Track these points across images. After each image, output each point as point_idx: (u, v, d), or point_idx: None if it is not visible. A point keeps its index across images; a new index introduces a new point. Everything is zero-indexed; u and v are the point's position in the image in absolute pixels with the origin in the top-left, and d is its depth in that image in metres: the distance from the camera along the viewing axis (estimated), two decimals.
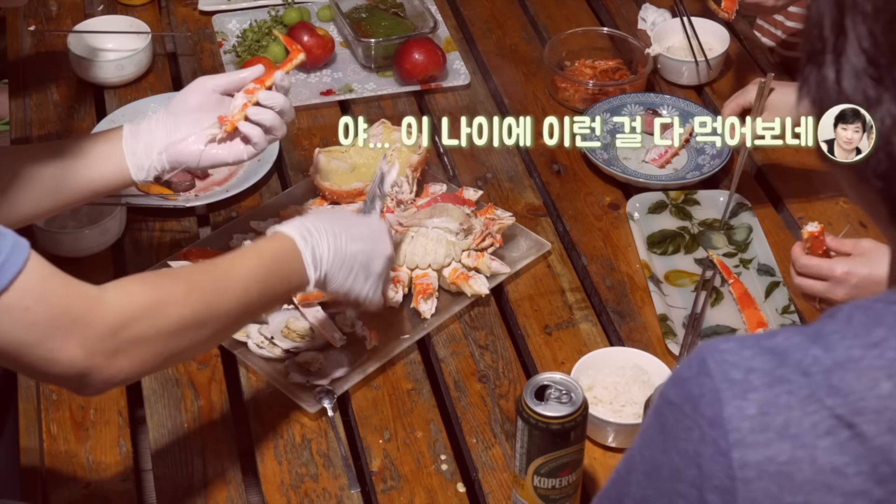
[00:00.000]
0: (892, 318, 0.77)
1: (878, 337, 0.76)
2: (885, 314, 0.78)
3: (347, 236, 1.37)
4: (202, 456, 1.45)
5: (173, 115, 1.49)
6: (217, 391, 1.53)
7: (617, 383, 1.47)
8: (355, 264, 1.38)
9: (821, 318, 0.80)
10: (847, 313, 0.79)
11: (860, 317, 0.78)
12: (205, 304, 1.21)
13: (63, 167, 1.46)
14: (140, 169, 1.48)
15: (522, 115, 1.50)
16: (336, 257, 1.35)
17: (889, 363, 0.75)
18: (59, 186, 1.46)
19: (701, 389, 0.78)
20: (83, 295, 1.12)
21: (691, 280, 1.69)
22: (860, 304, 0.79)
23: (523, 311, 1.65)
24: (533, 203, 1.83)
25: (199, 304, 1.20)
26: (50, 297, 1.09)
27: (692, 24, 2.06)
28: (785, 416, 0.75)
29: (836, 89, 0.79)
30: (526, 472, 1.30)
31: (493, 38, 2.21)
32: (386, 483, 1.42)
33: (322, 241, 1.34)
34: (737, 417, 0.76)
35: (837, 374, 0.76)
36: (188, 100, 1.50)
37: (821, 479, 0.75)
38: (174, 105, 1.50)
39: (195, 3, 2.26)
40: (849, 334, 0.77)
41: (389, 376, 1.55)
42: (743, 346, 0.79)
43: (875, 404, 0.74)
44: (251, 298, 1.27)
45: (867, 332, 0.77)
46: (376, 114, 2.00)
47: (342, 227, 1.37)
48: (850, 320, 0.78)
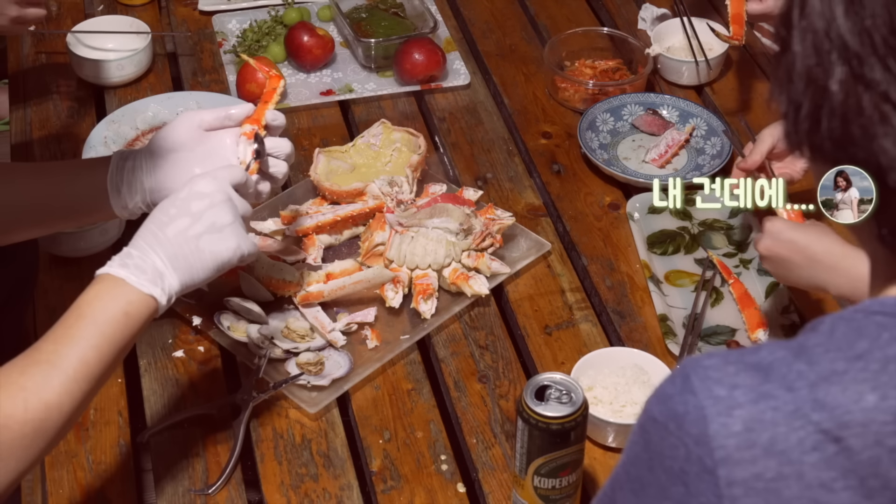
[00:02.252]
0: (874, 330, 0.77)
1: (862, 349, 0.76)
2: (866, 325, 0.77)
3: (166, 218, 1.26)
4: (202, 456, 1.45)
5: (156, 154, 1.41)
6: (217, 391, 1.53)
7: (617, 383, 1.47)
8: (189, 241, 1.26)
9: (804, 332, 0.80)
10: (830, 325, 0.79)
11: (842, 329, 0.78)
12: (45, 408, 1.11)
13: (45, 195, 1.42)
14: (124, 209, 1.43)
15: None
16: (169, 253, 1.24)
17: (873, 375, 0.75)
18: (40, 216, 1.43)
19: (685, 407, 0.78)
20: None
21: (691, 280, 1.69)
22: (842, 316, 0.79)
23: (523, 311, 1.65)
24: (533, 203, 1.83)
25: (41, 413, 1.11)
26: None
27: (692, 24, 2.06)
28: (771, 432, 0.75)
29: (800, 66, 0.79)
30: (526, 472, 1.30)
31: (493, 38, 2.21)
32: (386, 483, 1.42)
33: (147, 255, 1.23)
34: (722, 435, 0.76)
35: (822, 388, 0.75)
36: (172, 136, 1.41)
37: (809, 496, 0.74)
38: (158, 141, 1.42)
39: (195, 3, 2.26)
40: (832, 347, 0.77)
41: (389, 376, 1.55)
42: (727, 361, 0.79)
43: (861, 417, 0.74)
44: (93, 367, 1.16)
45: (850, 345, 0.77)
46: (376, 114, 2.00)
47: (158, 219, 1.26)
48: (832, 333, 0.78)
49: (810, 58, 0.79)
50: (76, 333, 1.16)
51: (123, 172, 1.42)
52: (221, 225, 1.28)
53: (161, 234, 1.25)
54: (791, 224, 1.45)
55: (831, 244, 1.40)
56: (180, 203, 1.28)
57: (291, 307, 1.61)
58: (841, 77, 0.77)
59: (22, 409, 1.10)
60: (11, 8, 1.81)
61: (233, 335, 1.56)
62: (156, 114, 1.97)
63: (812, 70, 0.79)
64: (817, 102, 0.79)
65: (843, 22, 0.77)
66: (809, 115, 0.80)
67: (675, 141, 1.91)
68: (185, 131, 1.41)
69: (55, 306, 1.63)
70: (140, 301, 1.21)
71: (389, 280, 1.61)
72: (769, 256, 1.46)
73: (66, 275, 1.68)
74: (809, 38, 0.79)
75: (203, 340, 1.59)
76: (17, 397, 1.10)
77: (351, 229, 1.72)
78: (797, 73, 0.80)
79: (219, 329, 1.58)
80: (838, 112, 0.78)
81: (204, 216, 1.28)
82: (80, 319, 1.18)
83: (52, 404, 1.12)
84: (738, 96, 2.06)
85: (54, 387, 1.12)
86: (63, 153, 1.92)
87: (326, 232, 1.70)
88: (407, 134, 1.85)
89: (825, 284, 1.41)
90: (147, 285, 1.21)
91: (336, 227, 1.70)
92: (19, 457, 1.10)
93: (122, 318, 1.19)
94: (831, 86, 0.78)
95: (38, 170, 1.47)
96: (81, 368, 1.15)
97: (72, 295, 1.64)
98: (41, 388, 1.12)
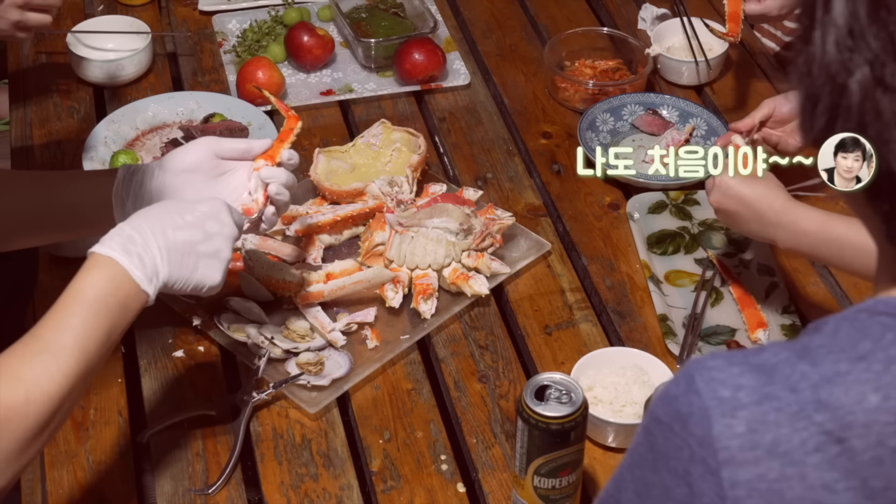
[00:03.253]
0: (877, 330, 0.77)
1: (865, 350, 0.76)
2: (870, 326, 0.77)
3: (181, 222, 1.26)
4: (202, 456, 1.45)
5: (167, 171, 1.42)
6: (217, 391, 1.53)
7: (617, 383, 1.47)
8: (193, 254, 1.27)
9: (807, 332, 0.80)
10: (833, 326, 0.79)
11: (846, 329, 0.78)
12: (46, 399, 1.11)
13: (46, 205, 1.42)
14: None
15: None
16: (172, 256, 1.24)
17: (876, 376, 0.75)
18: (40, 225, 1.43)
19: (690, 408, 0.78)
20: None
21: (691, 280, 1.69)
22: (846, 316, 0.79)
23: (523, 311, 1.65)
24: (533, 203, 1.83)
25: (41, 405, 1.11)
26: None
27: (692, 24, 2.06)
28: (774, 433, 0.75)
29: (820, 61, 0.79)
30: (526, 472, 1.30)
31: (493, 38, 2.21)
32: (386, 483, 1.42)
33: (150, 245, 1.23)
34: (726, 436, 0.76)
35: (825, 389, 0.75)
36: (188, 157, 1.41)
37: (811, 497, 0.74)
38: (173, 158, 1.42)
39: (195, 3, 2.26)
40: (835, 348, 0.77)
41: (389, 376, 1.55)
42: (731, 362, 0.79)
43: (863, 418, 0.74)
44: (92, 357, 1.16)
45: (853, 346, 0.77)
46: (376, 114, 2.00)
47: (171, 217, 1.26)
48: (836, 334, 0.78)
49: (832, 53, 0.78)
50: (76, 323, 1.16)
51: (131, 186, 1.42)
52: (222, 257, 1.30)
53: (170, 235, 1.25)
54: (740, 179, 1.49)
55: (774, 199, 1.46)
56: (199, 215, 1.28)
57: (291, 307, 1.61)
58: (861, 77, 0.76)
59: (24, 401, 1.10)
60: (13, 12, 1.78)
61: (233, 335, 1.56)
62: (156, 114, 1.98)
63: (832, 66, 0.78)
64: (835, 100, 0.78)
65: (867, 23, 0.76)
66: (826, 112, 0.79)
67: (675, 141, 1.91)
68: (203, 154, 1.42)
69: None
70: (136, 295, 1.21)
71: (389, 280, 1.61)
72: (719, 209, 1.53)
73: (66, 275, 1.66)
74: (832, 33, 0.78)
75: (203, 340, 1.59)
76: (18, 389, 1.10)
77: (351, 229, 1.72)
78: (817, 65, 0.79)
79: (219, 329, 1.58)
80: (855, 112, 0.77)
81: (213, 240, 1.29)
82: (81, 307, 1.17)
83: (54, 396, 1.12)
84: (738, 96, 2.06)
85: (55, 379, 1.12)
86: (63, 153, 1.92)
87: (326, 232, 1.70)
88: (407, 134, 1.85)
89: (773, 238, 1.49)
90: (145, 282, 1.21)
91: (336, 227, 1.70)
92: (20, 448, 1.10)
93: (120, 311, 1.19)
94: (850, 84, 0.77)
95: (39, 179, 1.47)
96: (81, 359, 1.14)
97: None
98: (42, 380, 1.11)
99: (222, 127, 1.90)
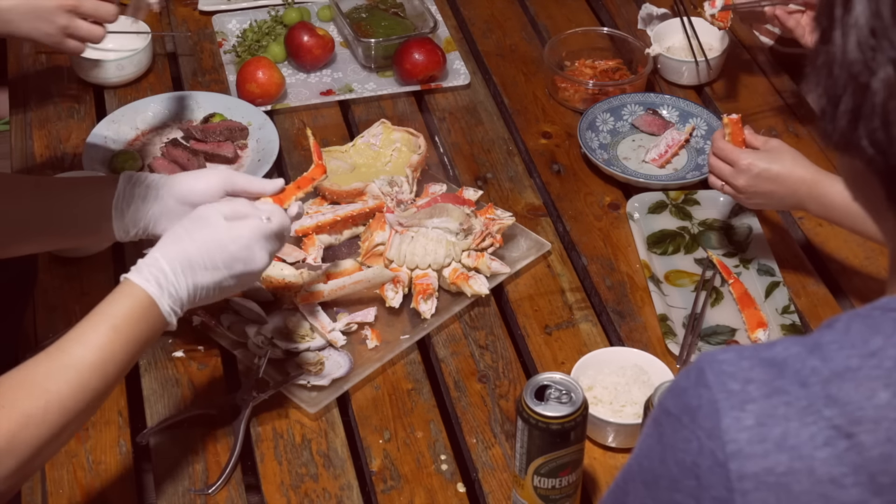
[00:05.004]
0: (889, 327, 0.77)
1: (876, 346, 0.76)
2: (882, 323, 0.78)
3: (210, 265, 1.28)
4: (202, 456, 1.45)
5: (172, 198, 1.40)
6: (217, 391, 1.53)
7: (617, 383, 1.47)
8: (219, 290, 1.30)
9: (819, 329, 0.80)
10: (845, 323, 0.79)
11: (858, 326, 0.78)
12: (64, 412, 1.15)
13: (47, 213, 1.42)
14: (125, 233, 1.43)
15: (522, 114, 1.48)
16: (199, 293, 1.28)
17: (887, 372, 0.75)
18: (39, 233, 1.43)
19: (699, 400, 0.78)
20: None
21: (691, 280, 1.69)
22: (858, 313, 0.79)
23: (523, 311, 1.65)
24: (533, 203, 1.83)
25: (59, 417, 1.15)
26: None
27: (692, 24, 2.06)
28: (783, 427, 0.75)
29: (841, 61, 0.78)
30: (526, 472, 1.30)
31: (493, 38, 2.21)
32: (386, 483, 1.42)
33: (181, 283, 1.26)
34: (734, 428, 0.76)
35: (835, 385, 0.76)
36: (197, 186, 1.39)
37: (819, 491, 0.75)
38: (179, 187, 1.40)
39: (195, 3, 2.26)
40: (846, 344, 0.77)
41: (389, 376, 1.55)
42: (741, 356, 0.79)
43: (873, 414, 0.74)
44: (111, 379, 1.21)
45: (864, 342, 0.77)
46: (376, 114, 2.00)
47: (202, 258, 1.27)
48: (848, 330, 0.78)
49: (854, 53, 0.77)
50: (104, 343, 1.20)
51: (133, 197, 1.42)
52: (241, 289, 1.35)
53: (200, 276, 1.27)
54: (758, 154, 1.57)
55: (804, 171, 1.56)
56: (229, 256, 1.29)
57: (291, 307, 1.61)
58: (885, 77, 0.76)
59: (42, 411, 1.14)
60: (61, 16, 1.65)
61: (233, 335, 1.56)
62: (156, 114, 1.97)
63: (855, 66, 0.77)
64: (858, 100, 0.77)
65: (891, 22, 0.76)
66: (848, 112, 0.78)
67: (674, 141, 1.92)
68: (214, 189, 1.39)
69: (55, 306, 1.63)
70: (162, 325, 1.26)
71: (389, 280, 1.61)
72: (755, 192, 1.59)
73: (66, 275, 1.68)
74: (853, 33, 0.77)
75: (203, 340, 1.59)
76: (39, 399, 1.14)
77: (351, 229, 1.72)
78: (838, 66, 0.78)
79: (219, 329, 1.58)
80: (879, 112, 0.76)
81: (240, 282, 1.32)
82: (109, 329, 1.21)
83: (71, 410, 1.16)
84: (738, 96, 2.06)
85: (75, 393, 1.16)
86: (63, 153, 1.92)
87: (326, 232, 1.70)
88: (407, 134, 1.85)
89: (805, 208, 1.59)
90: (172, 315, 1.25)
91: (336, 227, 1.70)
92: (32, 456, 1.13)
93: (144, 338, 1.24)
94: (874, 84, 0.76)
95: (40, 185, 1.46)
96: (102, 377, 1.19)
97: (72, 295, 1.65)
98: (63, 393, 1.15)
99: (222, 127, 1.90)
